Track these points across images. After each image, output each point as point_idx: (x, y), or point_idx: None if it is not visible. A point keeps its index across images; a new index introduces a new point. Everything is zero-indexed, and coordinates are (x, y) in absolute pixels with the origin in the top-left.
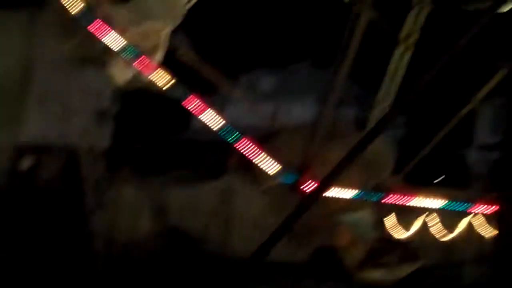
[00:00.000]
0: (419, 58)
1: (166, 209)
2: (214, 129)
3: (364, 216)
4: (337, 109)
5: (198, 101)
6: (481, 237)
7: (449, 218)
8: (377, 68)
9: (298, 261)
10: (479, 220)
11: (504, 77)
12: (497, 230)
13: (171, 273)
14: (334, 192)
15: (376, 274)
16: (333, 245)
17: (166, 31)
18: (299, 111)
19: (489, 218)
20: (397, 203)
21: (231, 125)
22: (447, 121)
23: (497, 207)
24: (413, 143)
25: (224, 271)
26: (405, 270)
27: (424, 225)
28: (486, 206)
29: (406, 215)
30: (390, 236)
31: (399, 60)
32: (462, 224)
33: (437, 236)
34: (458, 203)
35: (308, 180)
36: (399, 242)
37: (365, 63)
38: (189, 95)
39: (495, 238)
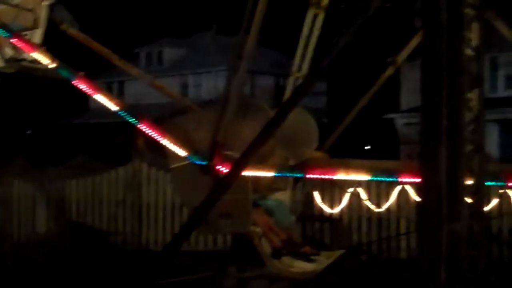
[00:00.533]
0: (334, 21)
1: (66, 202)
2: (112, 110)
3: (282, 200)
4: (252, 78)
5: (89, 80)
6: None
7: (379, 189)
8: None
9: (220, 248)
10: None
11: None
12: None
13: (76, 271)
14: (252, 172)
15: (295, 264)
16: (249, 232)
17: (45, 3)
18: (209, 83)
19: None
20: (322, 178)
21: (132, 105)
22: (370, 86)
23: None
24: (337, 112)
25: (138, 264)
26: (325, 261)
27: (355, 198)
28: (415, 174)
29: (333, 190)
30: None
31: (312, 24)
32: (393, 195)
33: (368, 209)
34: (386, 173)
35: (222, 160)
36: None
37: (283, 28)
38: (79, 75)
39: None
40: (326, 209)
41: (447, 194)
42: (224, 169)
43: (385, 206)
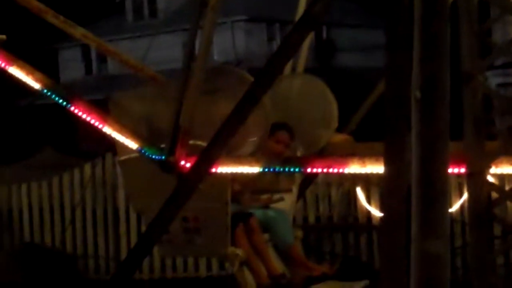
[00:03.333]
0: None
1: (14, 215)
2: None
3: (282, 208)
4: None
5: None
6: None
7: None
8: None
9: (229, 272)
10: None
11: None
12: None
13: None
14: (228, 167)
15: None
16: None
17: None
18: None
19: None
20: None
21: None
22: None
23: None
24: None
25: None
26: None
27: None
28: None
29: None
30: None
31: None
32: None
33: None
34: None
35: (187, 152)
36: None
37: None
38: None
39: None
40: (375, 212)
41: (419, 198)
42: (191, 164)
43: (455, 206)
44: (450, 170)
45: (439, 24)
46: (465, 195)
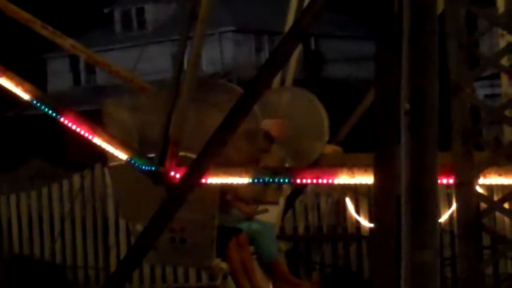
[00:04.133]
0: None
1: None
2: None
3: (267, 221)
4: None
5: None
6: None
7: None
8: None
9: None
10: None
11: None
12: None
13: None
14: (218, 178)
15: None
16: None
17: None
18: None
19: None
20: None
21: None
22: None
23: None
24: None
25: None
26: None
27: None
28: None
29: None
30: None
31: None
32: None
33: None
34: None
35: (177, 163)
36: None
37: None
38: None
39: None
40: (364, 222)
41: (409, 208)
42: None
43: (444, 216)
44: (439, 181)
45: (428, 37)
46: (454, 206)
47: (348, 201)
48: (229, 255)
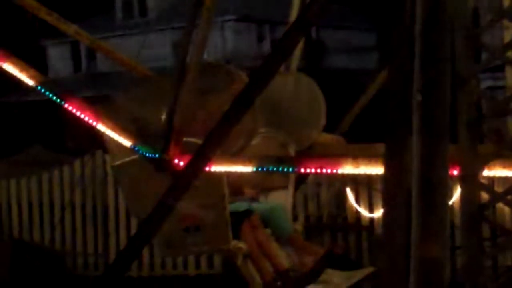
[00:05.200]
0: None
1: (2, 211)
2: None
3: (280, 202)
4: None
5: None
6: None
7: None
8: None
9: (217, 271)
10: None
11: None
12: None
13: None
14: (222, 166)
15: None
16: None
17: None
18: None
19: None
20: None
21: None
22: None
23: None
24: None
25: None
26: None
27: None
28: None
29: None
30: None
31: None
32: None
33: None
34: None
35: (182, 150)
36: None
37: None
38: None
39: None
40: (364, 212)
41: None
42: (185, 162)
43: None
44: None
45: (440, 31)
46: (455, 197)
47: (349, 191)
48: (244, 237)
